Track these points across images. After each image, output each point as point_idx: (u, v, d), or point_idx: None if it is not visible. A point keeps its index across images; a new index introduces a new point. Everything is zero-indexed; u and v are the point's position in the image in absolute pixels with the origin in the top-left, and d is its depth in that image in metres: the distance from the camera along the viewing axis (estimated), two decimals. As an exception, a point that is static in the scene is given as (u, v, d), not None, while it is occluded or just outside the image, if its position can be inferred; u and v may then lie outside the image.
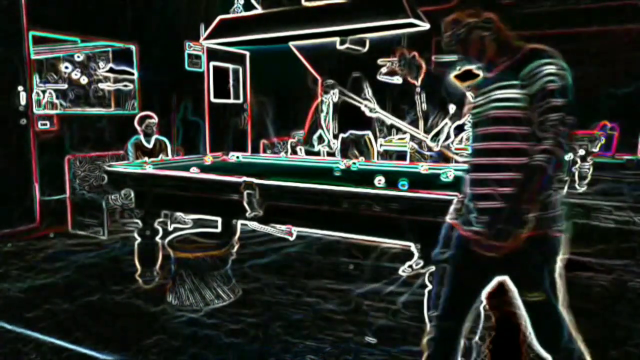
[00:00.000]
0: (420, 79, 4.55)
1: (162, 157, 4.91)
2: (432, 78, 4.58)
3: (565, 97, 1.64)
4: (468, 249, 1.77)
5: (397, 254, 4.02)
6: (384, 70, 4.72)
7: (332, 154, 5.84)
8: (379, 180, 2.70)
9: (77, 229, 5.03)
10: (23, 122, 4.77)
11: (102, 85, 5.57)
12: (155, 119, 5.14)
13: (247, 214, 2.91)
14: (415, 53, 4.50)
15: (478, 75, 1.96)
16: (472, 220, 1.80)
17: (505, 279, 1.87)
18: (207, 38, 4.43)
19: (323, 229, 3.24)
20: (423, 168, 3.46)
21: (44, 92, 5.01)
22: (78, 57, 5.31)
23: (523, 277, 1.81)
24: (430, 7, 3.58)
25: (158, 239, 3.60)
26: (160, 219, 3.66)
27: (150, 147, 5.12)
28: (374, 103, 5.05)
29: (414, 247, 2.69)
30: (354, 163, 3.81)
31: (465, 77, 3.58)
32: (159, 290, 3.42)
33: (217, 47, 5.58)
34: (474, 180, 1.83)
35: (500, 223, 1.64)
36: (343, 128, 5.75)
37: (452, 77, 3.95)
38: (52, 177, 4.98)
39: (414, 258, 3.56)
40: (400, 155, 6.01)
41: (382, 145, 6.39)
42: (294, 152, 7.09)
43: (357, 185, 2.64)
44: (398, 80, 4.70)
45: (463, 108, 3.82)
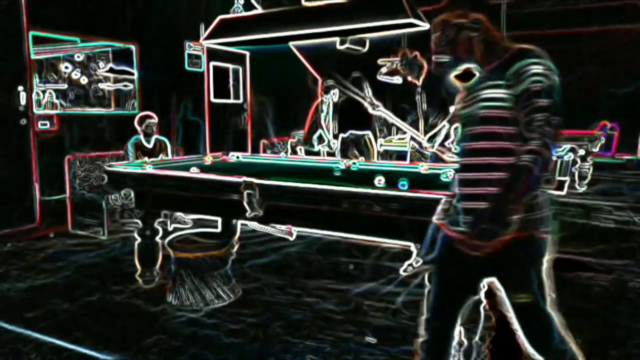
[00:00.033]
0: (422, 79, 4.55)
1: (162, 157, 4.91)
2: (433, 78, 4.58)
3: (551, 97, 1.63)
4: (453, 248, 1.77)
5: (397, 254, 4.01)
6: (384, 70, 4.72)
7: (332, 154, 5.84)
8: (379, 180, 2.70)
9: (77, 229, 5.03)
10: (23, 122, 4.77)
11: (102, 85, 5.57)
12: (155, 119, 5.14)
13: (247, 214, 2.91)
14: (417, 53, 4.50)
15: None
16: (459, 221, 1.79)
17: (494, 281, 1.86)
18: (207, 38, 4.43)
19: (323, 229, 3.24)
20: (423, 168, 3.47)
21: (44, 92, 5.01)
22: (78, 57, 5.31)
23: (510, 278, 1.80)
24: (421, 7, 3.59)
25: (158, 239, 3.60)
26: (160, 219, 3.66)
27: (150, 147, 5.12)
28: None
29: (414, 247, 2.69)
30: (354, 163, 3.81)
31: (466, 77, 3.58)
32: (159, 290, 3.42)
33: (217, 47, 5.59)
34: (462, 180, 1.83)
35: (485, 223, 1.63)
36: (343, 128, 5.75)
37: (452, 77, 3.94)
38: (52, 177, 4.98)
39: (414, 256, 3.55)
40: (400, 155, 6.00)
41: (382, 145, 6.39)
42: (294, 152, 7.09)
43: (357, 185, 2.64)
44: (398, 80, 4.70)
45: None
